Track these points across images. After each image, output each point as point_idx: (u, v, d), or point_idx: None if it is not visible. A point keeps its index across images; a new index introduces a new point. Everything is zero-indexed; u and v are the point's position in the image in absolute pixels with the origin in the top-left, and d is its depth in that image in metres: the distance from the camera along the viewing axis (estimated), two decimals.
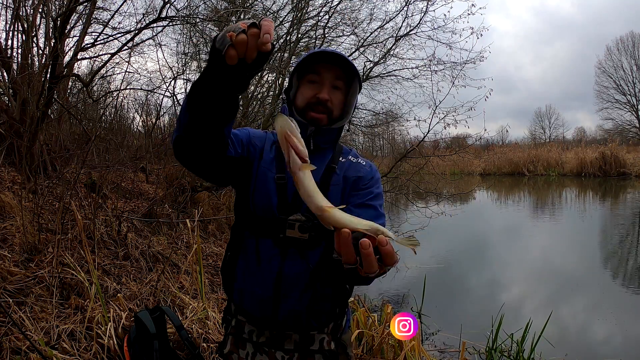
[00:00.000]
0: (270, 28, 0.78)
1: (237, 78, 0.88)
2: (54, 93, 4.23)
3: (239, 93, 0.94)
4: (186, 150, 1.02)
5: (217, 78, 0.87)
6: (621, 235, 8.27)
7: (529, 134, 45.36)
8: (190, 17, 5.23)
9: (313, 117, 1.18)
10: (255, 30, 0.78)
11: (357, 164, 1.25)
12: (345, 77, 1.20)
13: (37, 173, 3.66)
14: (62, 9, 4.32)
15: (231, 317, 1.23)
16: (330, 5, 6.99)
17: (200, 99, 0.91)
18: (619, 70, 33.96)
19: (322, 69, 1.18)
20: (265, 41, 0.77)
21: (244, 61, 0.81)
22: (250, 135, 1.21)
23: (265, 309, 1.13)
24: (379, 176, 1.28)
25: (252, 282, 1.14)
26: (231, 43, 0.78)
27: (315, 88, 1.18)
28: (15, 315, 2.10)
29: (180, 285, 3.28)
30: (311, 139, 1.19)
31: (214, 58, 0.84)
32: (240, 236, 1.18)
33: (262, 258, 1.13)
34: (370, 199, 1.18)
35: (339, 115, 1.22)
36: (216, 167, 1.09)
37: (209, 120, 0.94)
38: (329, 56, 1.16)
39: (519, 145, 34.04)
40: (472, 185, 16.80)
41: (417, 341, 2.54)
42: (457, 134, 9.19)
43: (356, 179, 1.20)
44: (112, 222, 3.58)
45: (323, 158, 1.22)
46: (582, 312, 4.57)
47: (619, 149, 23.05)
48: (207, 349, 2.42)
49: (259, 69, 0.87)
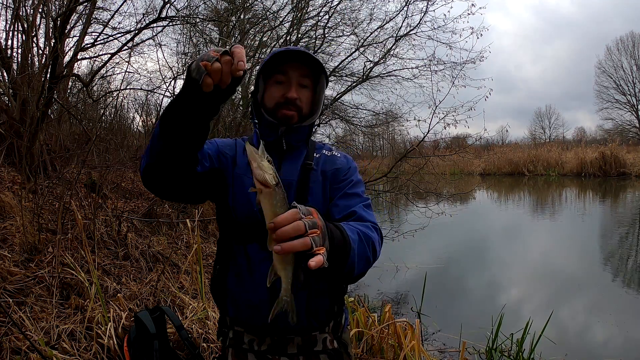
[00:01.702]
0: (242, 55, 0.84)
1: (212, 104, 0.91)
2: (54, 93, 4.23)
3: (212, 118, 0.96)
4: (157, 177, 1.02)
5: (192, 105, 0.90)
6: (621, 236, 8.27)
7: (529, 134, 45.44)
8: (190, 17, 5.23)
9: (284, 114, 1.17)
10: (228, 57, 0.83)
11: (332, 156, 1.25)
12: (311, 75, 1.20)
13: (37, 173, 3.66)
14: (62, 9, 4.32)
15: (227, 329, 1.21)
16: (330, 5, 7.02)
17: (175, 126, 0.93)
18: (619, 70, 34.00)
19: (288, 68, 1.17)
20: (239, 68, 0.83)
21: (218, 87, 0.86)
22: (218, 146, 1.20)
23: (263, 315, 1.08)
24: (355, 165, 1.29)
25: (246, 290, 1.12)
26: (207, 72, 0.82)
27: (283, 88, 1.18)
28: (15, 315, 2.10)
29: (180, 285, 3.28)
30: (283, 139, 1.19)
31: (189, 87, 0.86)
32: (228, 247, 1.17)
33: (252, 263, 1.11)
34: (352, 186, 1.18)
35: (309, 112, 1.22)
36: (188, 187, 1.08)
37: (182, 146, 0.96)
38: (293, 55, 1.15)
39: (519, 145, 34.02)
40: (472, 185, 16.80)
41: (417, 341, 2.53)
42: (457, 134, 9.24)
43: (334, 172, 1.20)
44: (112, 222, 3.58)
45: (297, 156, 1.22)
46: (582, 312, 4.56)
47: (619, 149, 23.03)
48: (207, 349, 2.42)
49: (232, 93, 0.91)
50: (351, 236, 0.88)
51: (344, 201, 1.13)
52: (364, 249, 0.93)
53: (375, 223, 1.08)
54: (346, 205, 1.12)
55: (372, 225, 1.04)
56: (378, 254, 1.01)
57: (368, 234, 0.97)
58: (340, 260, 0.84)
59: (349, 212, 1.09)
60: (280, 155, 1.21)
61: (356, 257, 0.88)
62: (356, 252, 0.88)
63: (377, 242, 1.01)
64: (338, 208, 1.11)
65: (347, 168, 1.22)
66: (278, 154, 1.21)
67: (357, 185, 1.19)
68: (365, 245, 0.93)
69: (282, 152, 1.21)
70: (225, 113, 6.37)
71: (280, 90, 1.18)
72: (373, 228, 1.04)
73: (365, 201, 1.14)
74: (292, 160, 1.21)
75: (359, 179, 1.23)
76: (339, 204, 1.12)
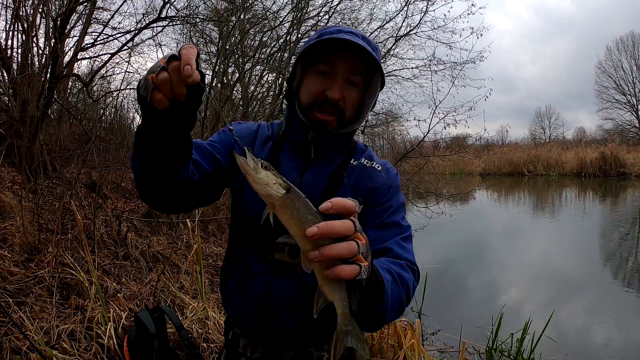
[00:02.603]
0: (189, 57, 0.65)
1: (177, 119, 0.74)
2: (54, 93, 4.23)
3: (186, 132, 0.79)
4: (150, 194, 0.89)
5: (155, 125, 0.75)
6: (621, 236, 8.27)
7: (529, 134, 45.54)
8: (190, 17, 5.24)
9: (319, 118, 0.97)
10: (176, 63, 0.66)
11: (372, 169, 1.03)
12: (365, 71, 0.97)
13: (37, 173, 3.66)
14: (62, 9, 4.32)
15: (230, 327, 1.13)
16: (330, 5, 7.02)
17: (145, 149, 0.79)
18: (619, 70, 34.06)
19: (337, 58, 0.94)
20: (186, 74, 0.65)
21: (176, 100, 0.70)
22: (228, 140, 1.04)
23: (253, 325, 1.03)
24: (398, 182, 1.05)
25: (240, 297, 1.05)
26: (154, 86, 0.68)
27: (325, 82, 0.95)
28: (15, 315, 2.10)
29: (180, 285, 3.28)
30: (312, 146, 1.01)
31: (143, 106, 0.72)
32: (234, 246, 1.07)
33: (250, 274, 1.01)
34: (390, 214, 0.96)
35: (352, 117, 1.01)
36: (185, 198, 0.93)
37: (161, 167, 0.82)
38: (345, 43, 0.91)
39: (519, 145, 34.08)
40: (472, 185, 16.79)
41: (416, 341, 2.53)
42: (457, 134, 9.25)
43: (369, 192, 0.99)
44: (112, 222, 3.58)
45: (327, 164, 1.02)
46: (582, 312, 4.56)
47: (619, 149, 23.07)
48: (207, 349, 2.42)
49: (198, 103, 0.74)
50: (385, 276, 0.73)
51: (378, 232, 0.93)
52: (398, 292, 0.78)
53: (412, 261, 0.90)
54: (380, 237, 0.92)
55: (407, 264, 0.88)
56: (411, 298, 0.85)
57: (403, 276, 0.82)
58: (374, 302, 0.68)
59: (382, 247, 0.91)
60: (307, 162, 1.02)
61: (390, 300, 0.72)
62: (390, 295, 0.72)
63: (411, 284, 0.85)
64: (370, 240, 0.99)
65: (386, 188, 1.00)
66: (304, 159, 1.02)
67: (396, 211, 0.98)
68: (399, 288, 0.79)
69: (308, 158, 1.02)
70: (225, 113, 6.36)
71: (321, 85, 0.96)
72: (409, 268, 0.88)
73: (404, 232, 0.95)
74: (320, 168, 1.01)
75: (401, 202, 1.01)
76: (371, 235, 0.91)
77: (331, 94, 0.94)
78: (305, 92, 0.98)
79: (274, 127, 1.11)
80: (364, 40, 0.93)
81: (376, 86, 1.00)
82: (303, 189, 0.65)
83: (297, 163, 1.03)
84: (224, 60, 6.42)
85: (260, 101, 7.46)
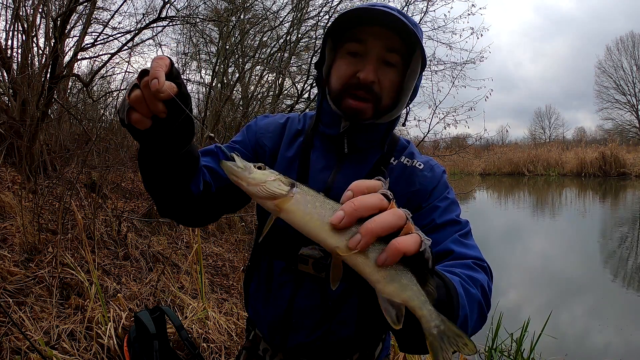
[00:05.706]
0: (155, 69, 0.59)
1: (166, 137, 0.67)
2: (54, 93, 4.23)
3: (181, 148, 0.72)
4: (166, 211, 0.85)
5: (146, 146, 0.70)
6: (621, 236, 8.27)
7: (529, 134, 45.62)
8: (190, 17, 5.24)
9: (351, 106, 0.84)
10: (146, 78, 0.60)
11: (412, 168, 0.90)
12: (404, 48, 0.83)
13: (37, 173, 3.66)
14: (62, 9, 4.32)
15: (252, 327, 1.06)
16: (330, 5, 7.00)
17: (146, 168, 0.75)
18: (619, 70, 34.11)
19: (368, 35, 0.82)
20: (153, 89, 0.58)
21: (158, 118, 0.64)
22: (256, 138, 0.95)
23: (273, 334, 0.96)
24: (445, 178, 0.92)
25: (262, 305, 0.98)
26: (129, 106, 0.63)
27: (356, 63, 0.83)
28: (15, 315, 2.10)
29: (180, 285, 3.28)
30: (345, 138, 0.88)
31: (126, 128, 0.68)
32: (258, 250, 0.99)
33: (273, 283, 0.93)
34: (443, 213, 0.84)
35: (391, 103, 0.87)
36: (209, 209, 0.87)
37: (165, 185, 0.76)
38: (378, 15, 0.77)
39: (519, 145, 34.14)
40: (472, 185, 16.80)
41: None
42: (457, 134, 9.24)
43: (411, 196, 0.86)
44: (112, 222, 3.58)
45: (364, 161, 0.89)
46: (581, 312, 4.56)
47: (619, 149, 23.06)
48: (207, 349, 2.42)
49: (183, 114, 0.66)
50: (452, 278, 0.62)
51: (432, 236, 0.79)
52: (473, 294, 0.66)
53: (479, 258, 0.77)
54: (435, 241, 0.78)
55: (474, 263, 0.74)
56: (490, 301, 0.72)
57: (473, 276, 0.69)
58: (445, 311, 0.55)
59: (439, 250, 0.78)
60: (339, 159, 0.90)
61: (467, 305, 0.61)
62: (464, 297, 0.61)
63: (486, 285, 0.72)
64: None
65: (431, 187, 0.87)
66: (337, 155, 0.90)
67: (449, 209, 0.85)
68: (471, 288, 0.67)
69: (341, 154, 0.90)
70: (225, 113, 6.37)
71: (352, 66, 0.83)
72: (478, 266, 0.74)
73: (463, 228, 0.83)
74: (355, 166, 0.89)
75: (451, 199, 0.87)
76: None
77: (363, 76, 0.81)
78: (336, 76, 0.86)
79: (306, 119, 0.98)
80: (401, 15, 0.80)
81: (416, 68, 0.86)
82: (333, 193, 0.55)
83: (329, 162, 0.91)
84: (224, 60, 6.43)
85: (260, 101, 7.46)
